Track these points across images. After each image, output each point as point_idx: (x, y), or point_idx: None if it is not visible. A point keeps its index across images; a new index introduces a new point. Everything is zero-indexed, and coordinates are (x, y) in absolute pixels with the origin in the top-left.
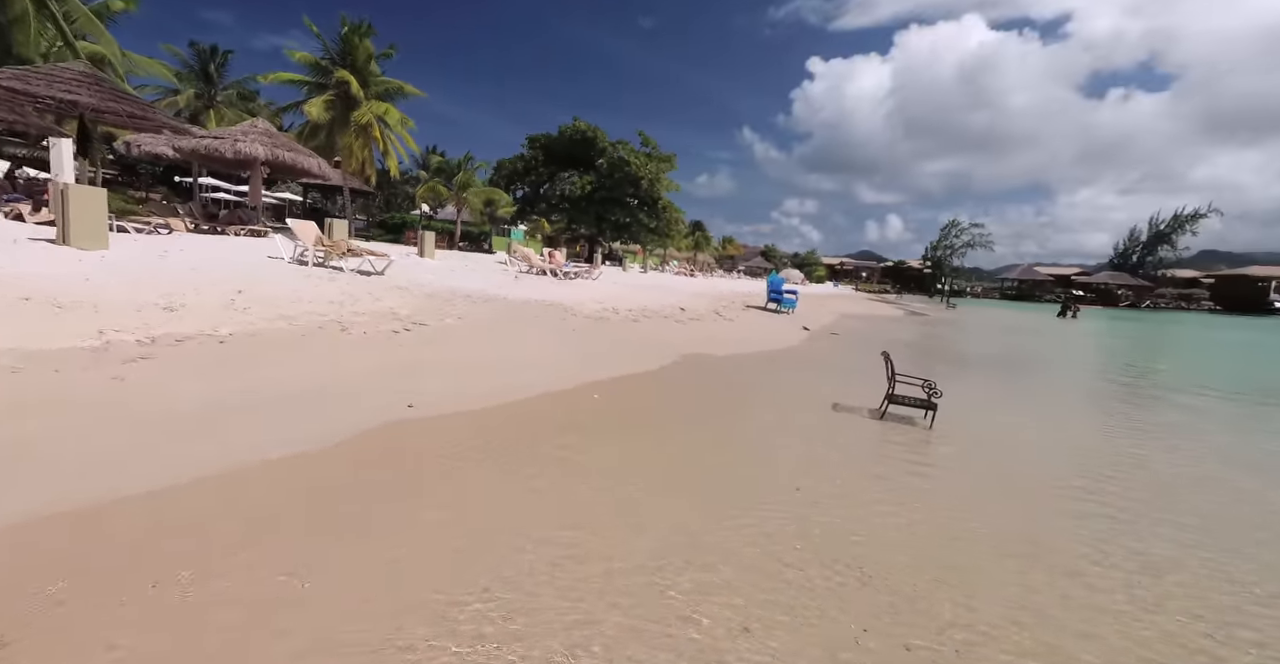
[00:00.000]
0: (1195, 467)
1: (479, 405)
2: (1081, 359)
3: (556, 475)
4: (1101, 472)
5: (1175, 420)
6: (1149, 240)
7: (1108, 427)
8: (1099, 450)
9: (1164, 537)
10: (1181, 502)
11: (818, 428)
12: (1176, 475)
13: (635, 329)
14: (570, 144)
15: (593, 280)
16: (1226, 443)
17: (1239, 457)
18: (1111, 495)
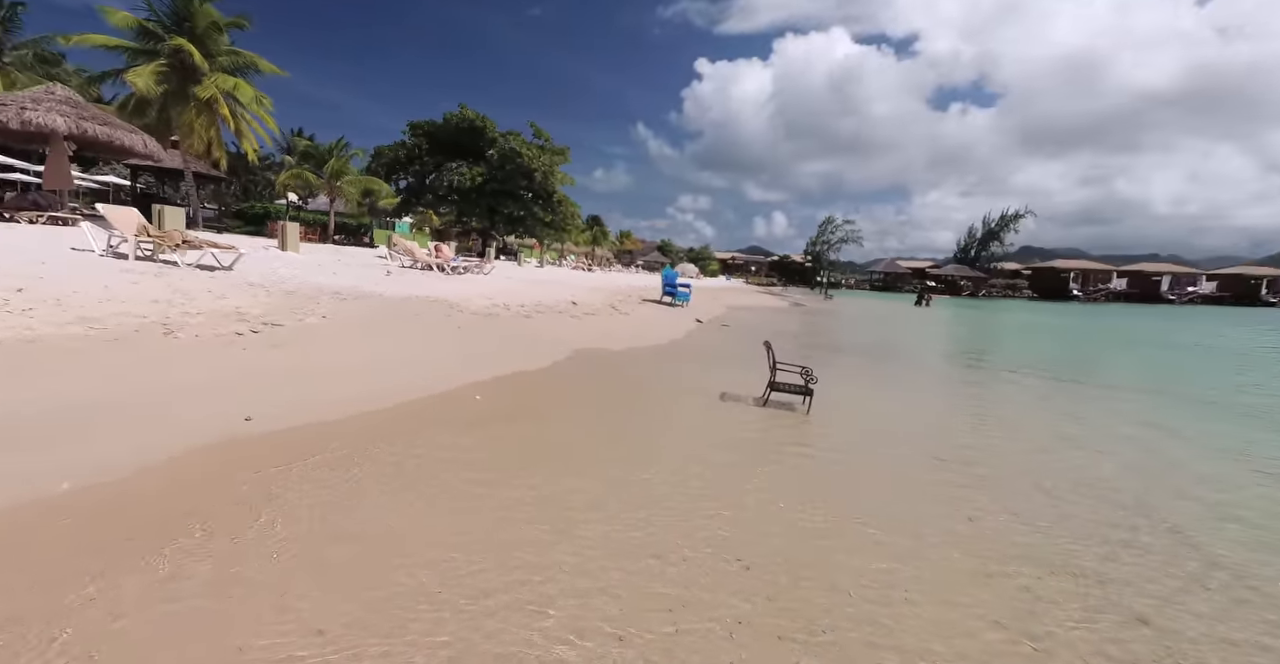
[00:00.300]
0: (1030, 441)
1: (338, 414)
2: (934, 344)
3: (424, 492)
4: (956, 443)
5: (1007, 394)
6: (983, 237)
7: (955, 404)
8: (951, 427)
9: (988, 496)
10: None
11: (705, 419)
12: (1015, 447)
13: (527, 325)
14: (457, 133)
15: (484, 275)
16: (1051, 417)
17: (1066, 430)
18: (963, 465)
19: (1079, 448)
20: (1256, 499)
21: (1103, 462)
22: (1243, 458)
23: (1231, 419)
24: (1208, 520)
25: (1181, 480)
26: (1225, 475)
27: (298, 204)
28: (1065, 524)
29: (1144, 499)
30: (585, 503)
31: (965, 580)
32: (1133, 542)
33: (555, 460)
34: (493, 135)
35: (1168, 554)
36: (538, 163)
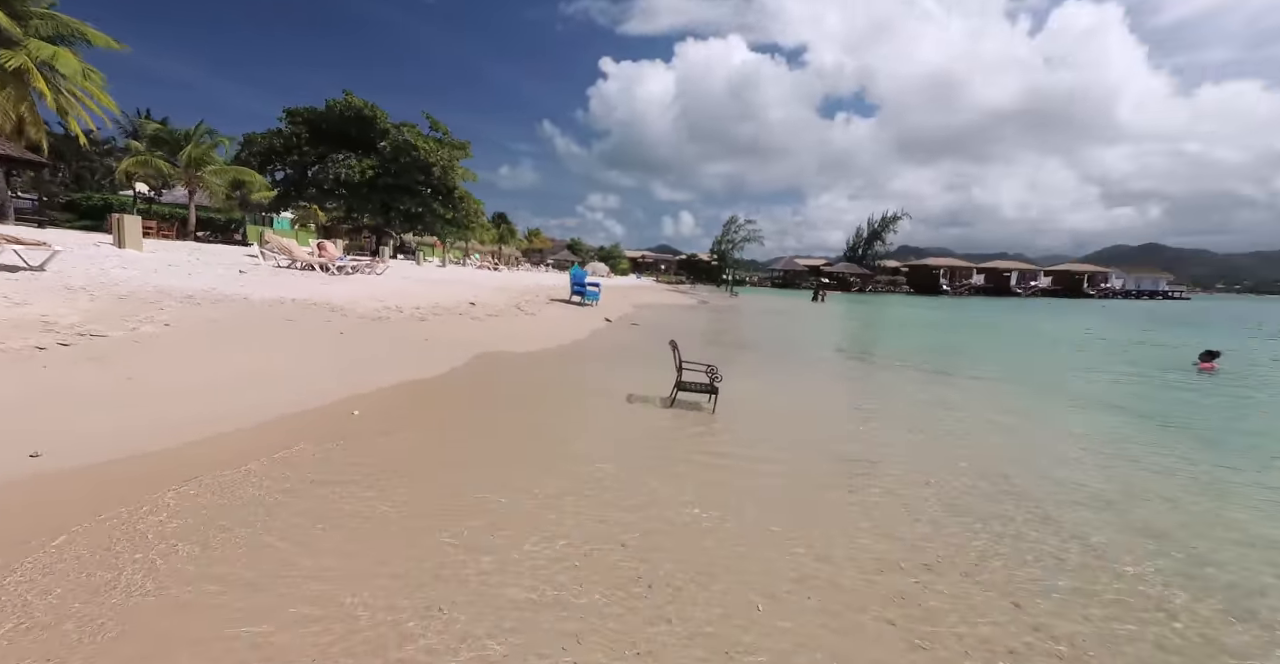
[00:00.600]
0: (914, 433)
1: (166, 443)
2: (828, 338)
3: (269, 547)
4: (852, 440)
5: (891, 386)
6: (868, 237)
7: (848, 398)
8: (845, 422)
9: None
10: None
11: (612, 423)
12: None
13: (422, 329)
14: (343, 122)
15: (376, 275)
16: (929, 409)
17: (944, 423)
18: (865, 463)
19: (956, 438)
20: (1108, 480)
21: (978, 450)
22: (1085, 440)
23: (1082, 407)
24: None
25: (1043, 462)
26: (1071, 454)
27: (149, 196)
28: (955, 517)
29: (1018, 484)
30: (477, 526)
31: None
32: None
33: (443, 478)
34: (384, 126)
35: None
36: (436, 157)
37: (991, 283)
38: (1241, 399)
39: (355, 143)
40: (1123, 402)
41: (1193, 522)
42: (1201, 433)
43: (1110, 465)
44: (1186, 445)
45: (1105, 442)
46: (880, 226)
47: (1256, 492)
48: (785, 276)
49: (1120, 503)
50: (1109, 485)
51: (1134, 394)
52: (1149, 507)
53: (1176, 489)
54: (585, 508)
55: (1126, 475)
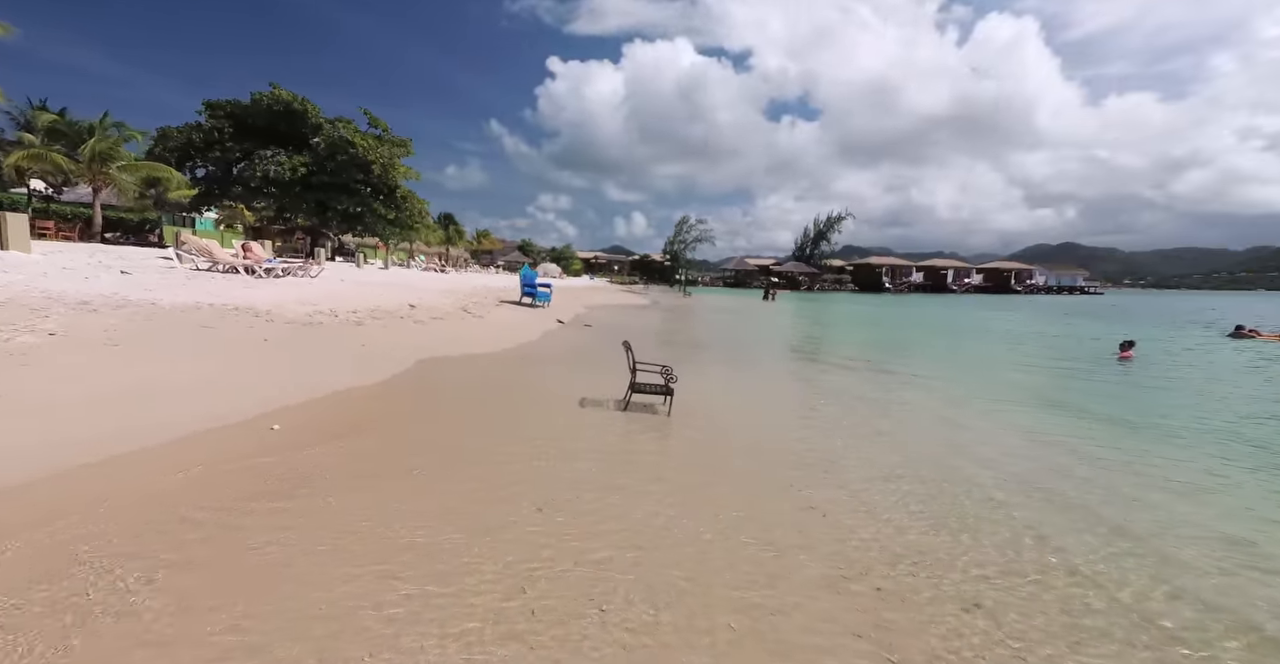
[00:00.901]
0: (862, 433)
1: (48, 470)
2: (779, 336)
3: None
4: (804, 442)
5: (841, 386)
6: (814, 237)
7: (799, 397)
8: (797, 422)
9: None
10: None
11: (563, 430)
12: (840, 425)
13: (359, 334)
14: (271, 116)
15: (310, 278)
16: (877, 408)
17: (882, 424)
18: (814, 451)
19: (899, 438)
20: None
21: (923, 448)
22: (1030, 432)
23: (1021, 402)
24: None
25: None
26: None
27: (46, 194)
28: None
29: (969, 477)
30: (410, 558)
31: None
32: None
33: (358, 503)
34: (317, 121)
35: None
36: (375, 154)
37: (930, 280)
38: (1151, 382)
39: (285, 139)
40: (1056, 394)
41: (1148, 513)
42: (1119, 418)
43: (1044, 456)
44: (1110, 432)
45: (1043, 433)
46: (826, 227)
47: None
48: (737, 276)
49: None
50: (1054, 478)
51: (1063, 387)
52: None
53: (1114, 476)
54: (528, 536)
55: (1066, 464)
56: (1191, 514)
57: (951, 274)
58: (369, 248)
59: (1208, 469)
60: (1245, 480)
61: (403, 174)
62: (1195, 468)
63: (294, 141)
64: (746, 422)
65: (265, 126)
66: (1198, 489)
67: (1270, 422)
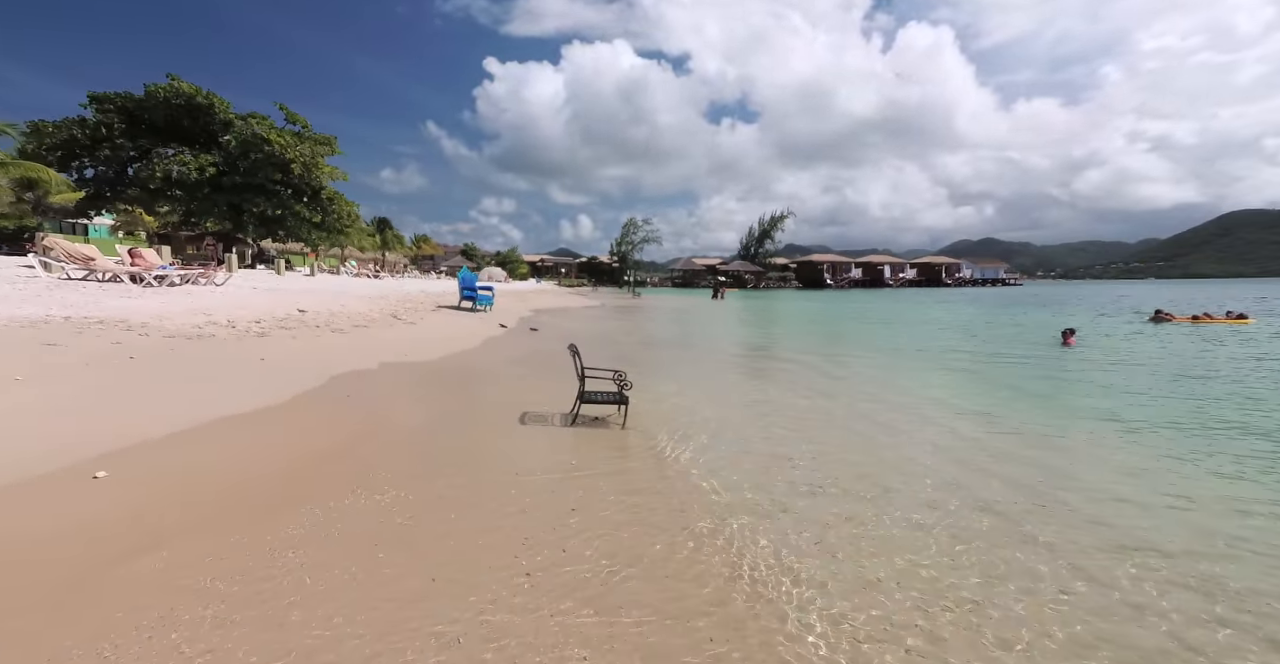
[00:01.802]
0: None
1: None
2: (732, 334)
3: None
4: (769, 444)
5: (800, 376)
6: (759, 236)
7: (762, 392)
8: (762, 420)
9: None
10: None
11: (496, 456)
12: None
13: (261, 346)
14: (170, 110)
15: (215, 286)
16: (832, 395)
17: (854, 404)
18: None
19: (876, 437)
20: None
21: (891, 451)
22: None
23: (991, 388)
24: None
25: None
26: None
27: None
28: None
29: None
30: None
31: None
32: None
33: (236, 589)
34: (226, 117)
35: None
36: (294, 152)
37: (868, 276)
38: (1094, 364)
39: (189, 136)
40: (1016, 381)
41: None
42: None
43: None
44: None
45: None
46: (769, 226)
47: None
48: (685, 276)
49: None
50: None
51: (1022, 374)
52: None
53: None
54: (438, 608)
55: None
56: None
57: (888, 269)
58: (298, 254)
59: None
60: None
61: (328, 174)
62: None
63: (200, 139)
64: (709, 429)
65: (165, 122)
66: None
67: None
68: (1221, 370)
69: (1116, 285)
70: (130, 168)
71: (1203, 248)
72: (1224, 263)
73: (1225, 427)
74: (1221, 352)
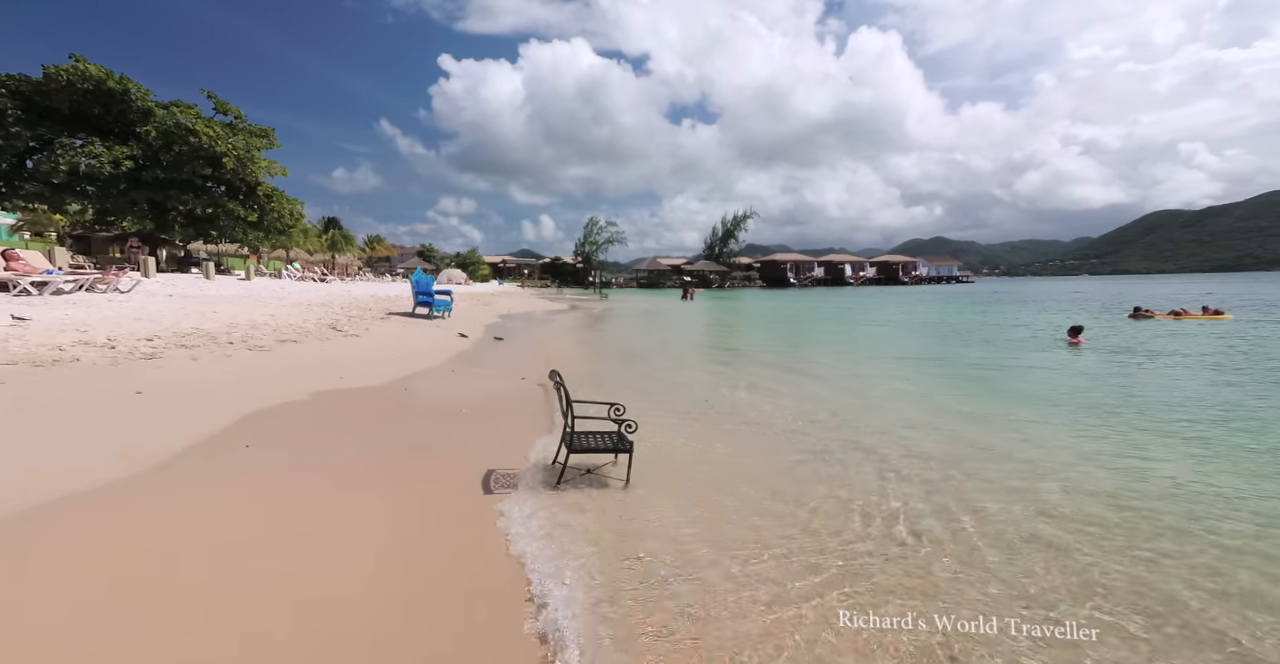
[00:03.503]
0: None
1: None
2: (716, 339)
3: None
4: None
5: (819, 393)
6: (723, 236)
7: (785, 416)
8: (801, 466)
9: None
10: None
11: (447, 550)
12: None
13: (143, 374)
14: (75, 96)
15: (120, 293)
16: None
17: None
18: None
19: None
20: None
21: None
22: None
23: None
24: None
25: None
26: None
27: None
28: None
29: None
30: None
31: None
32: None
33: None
34: (144, 105)
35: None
36: (225, 145)
37: (830, 275)
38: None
39: (101, 125)
40: (1039, 390)
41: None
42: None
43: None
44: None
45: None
46: (733, 226)
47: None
48: (650, 276)
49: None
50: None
51: (1044, 381)
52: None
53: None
54: None
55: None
56: None
57: (849, 268)
58: (237, 257)
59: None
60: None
61: (264, 169)
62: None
63: (115, 129)
64: (743, 489)
65: (70, 109)
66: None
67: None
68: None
69: (1057, 281)
70: (27, 161)
71: (1130, 246)
72: (1149, 260)
73: None
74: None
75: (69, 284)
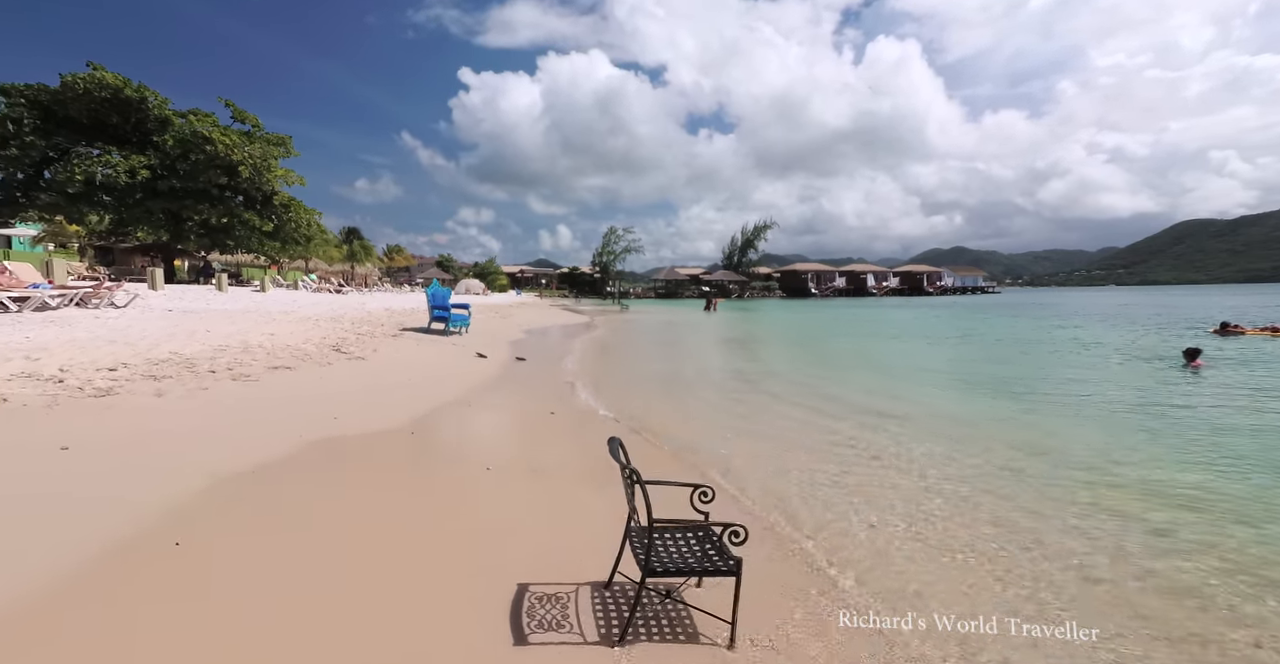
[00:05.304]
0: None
1: None
2: (766, 359)
3: None
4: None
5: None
6: (742, 246)
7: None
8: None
9: None
10: None
11: None
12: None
13: (85, 419)
14: (93, 105)
15: (116, 307)
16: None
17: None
18: None
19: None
20: None
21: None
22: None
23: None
24: None
25: None
26: None
27: None
28: None
29: None
30: None
31: None
32: None
33: None
34: (162, 114)
35: None
36: (242, 153)
37: (852, 285)
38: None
39: (119, 134)
40: (1241, 444)
41: None
42: None
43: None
44: None
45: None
46: (753, 235)
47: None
48: (668, 286)
49: None
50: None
51: (1222, 426)
52: None
53: None
54: None
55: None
56: None
57: (871, 278)
58: (256, 268)
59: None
60: None
61: (280, 177)
62: None
63: (132, 138)
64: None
65: (87, 118)
66: None
67: None
68: None
69: (1086, 292)
70: (45, 171)
71: (1159, 256)
72: (1179, 270)
73: None
74: None
75: (56, 299)
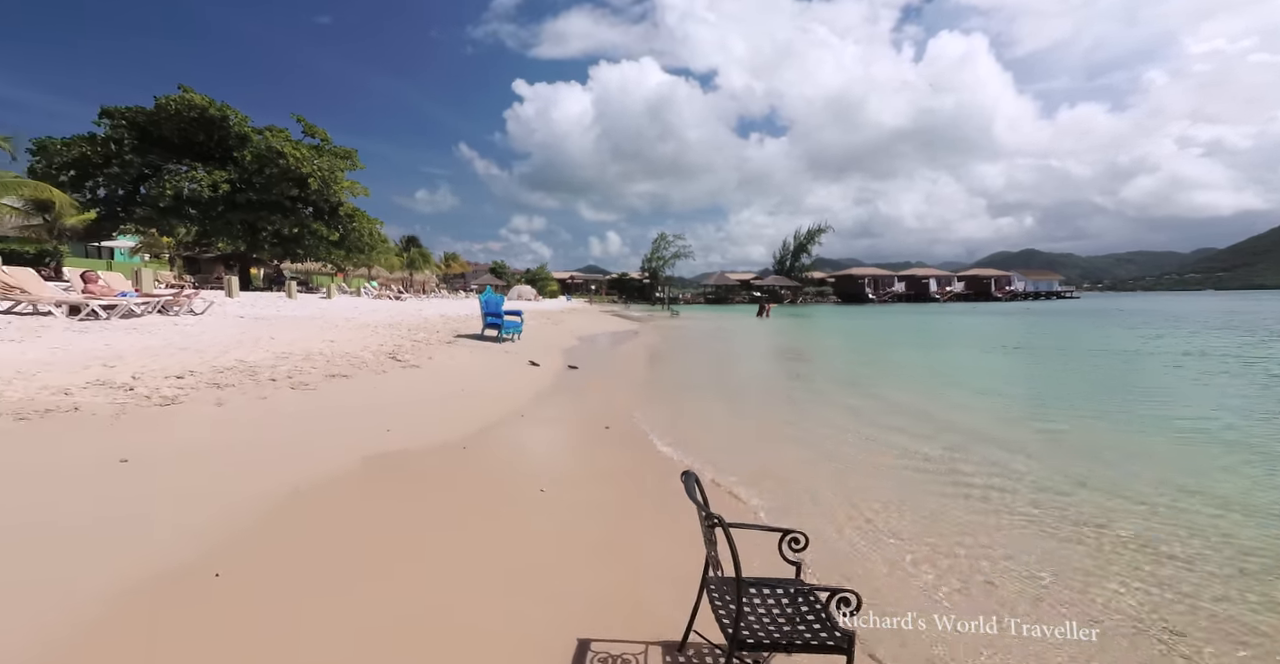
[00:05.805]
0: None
1: None
2: (835, 368)
3: None
4: None
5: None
6: (794, 250)
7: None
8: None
9: None
10: None
11: None
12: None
13: (148, 429)
14: (182, 124)
15: (195, 314)
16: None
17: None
18: None
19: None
20: None
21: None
22: None
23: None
24: None
25: None
26: None
27: None
28: None
29: None
30: None
31: None
32: None
33: None
34: (241, 130)
35: None
36: (311, 166)
37: (912, 290)
38: None
39: (204, 151)
40: None
41: None
42: None
43: None
44: None
45: None
46: (806, 239)
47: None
48: (718, 292)
49: None
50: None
51: None
52: None
53: None
54: None
55: None
56: None
57: (934, 282)
58: (324, 276)
59: None
60: None
61: (346, 189)
62: None
63: (216, 154)
64: None
65: (178, 137)
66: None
67: None
68: None
69: (1180, 297)
70: (141, 187)
71: (1265, 257)
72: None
73: None
74: None
75: (140, 306)
